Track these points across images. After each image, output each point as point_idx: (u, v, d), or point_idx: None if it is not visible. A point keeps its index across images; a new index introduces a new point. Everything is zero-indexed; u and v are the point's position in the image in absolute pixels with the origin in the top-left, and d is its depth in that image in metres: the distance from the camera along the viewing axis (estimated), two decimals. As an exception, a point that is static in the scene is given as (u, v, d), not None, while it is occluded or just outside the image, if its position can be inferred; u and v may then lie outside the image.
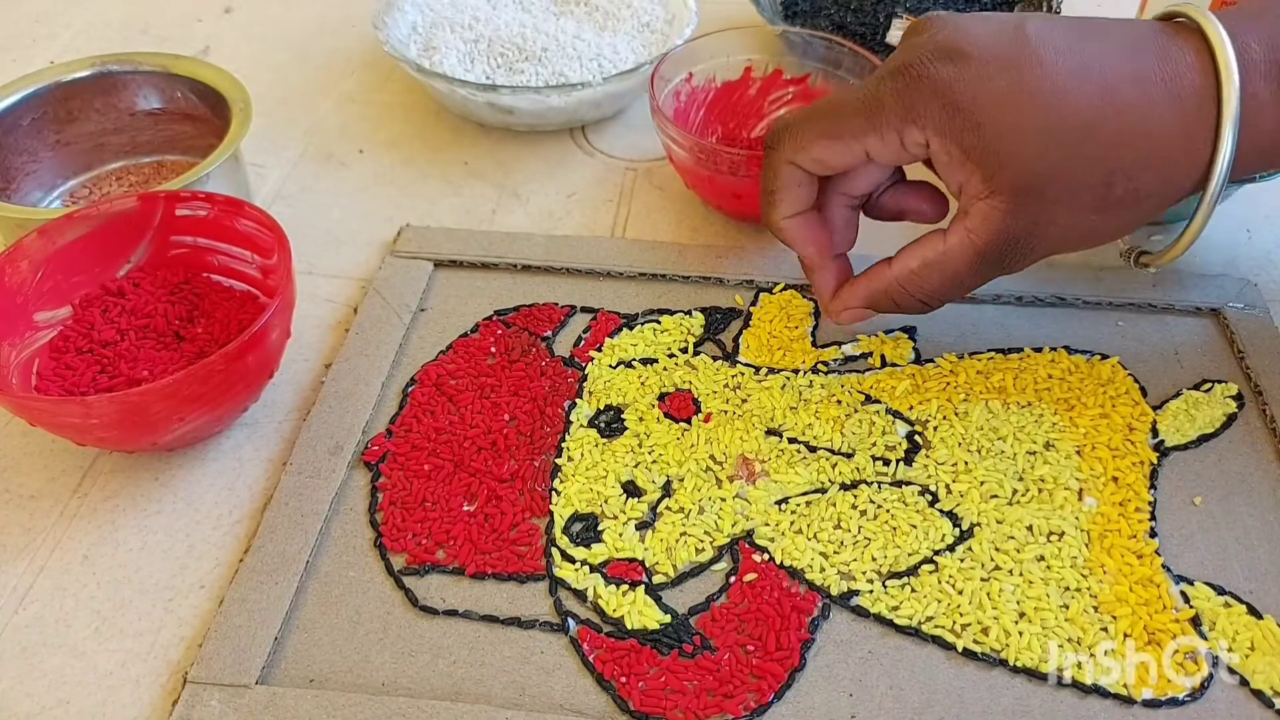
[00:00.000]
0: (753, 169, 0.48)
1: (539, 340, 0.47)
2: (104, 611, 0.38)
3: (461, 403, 0.44)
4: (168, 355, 0.43)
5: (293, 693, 0.34)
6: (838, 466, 0.41)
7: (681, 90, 0.55)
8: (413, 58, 0.59)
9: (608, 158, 0.59)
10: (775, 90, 0.57)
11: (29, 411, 0.39)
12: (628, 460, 0.42)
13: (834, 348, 0.46)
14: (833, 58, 0.55)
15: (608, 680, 0.35)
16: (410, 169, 0.58)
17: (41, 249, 0.43)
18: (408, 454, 0.42)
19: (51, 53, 0.69)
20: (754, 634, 0.36)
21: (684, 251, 0.51)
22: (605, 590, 0.37)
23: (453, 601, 0.37)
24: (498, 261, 0.51)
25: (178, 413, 0.39)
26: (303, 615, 0.37)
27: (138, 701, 0.35)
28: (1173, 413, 0.43)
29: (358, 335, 0.47)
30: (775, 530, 0.39)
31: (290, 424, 0.44)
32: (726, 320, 0.48)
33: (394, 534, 0.39)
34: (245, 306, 0.45)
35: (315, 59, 0.68)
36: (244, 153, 0.52)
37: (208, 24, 0.72)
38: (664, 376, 0.45)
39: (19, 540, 0.40)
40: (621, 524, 0.40)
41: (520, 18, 0.63)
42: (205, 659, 0.35)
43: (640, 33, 0.63)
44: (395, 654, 0.36)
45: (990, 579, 0.37)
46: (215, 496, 0.41)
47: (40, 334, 0.43)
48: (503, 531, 0.39)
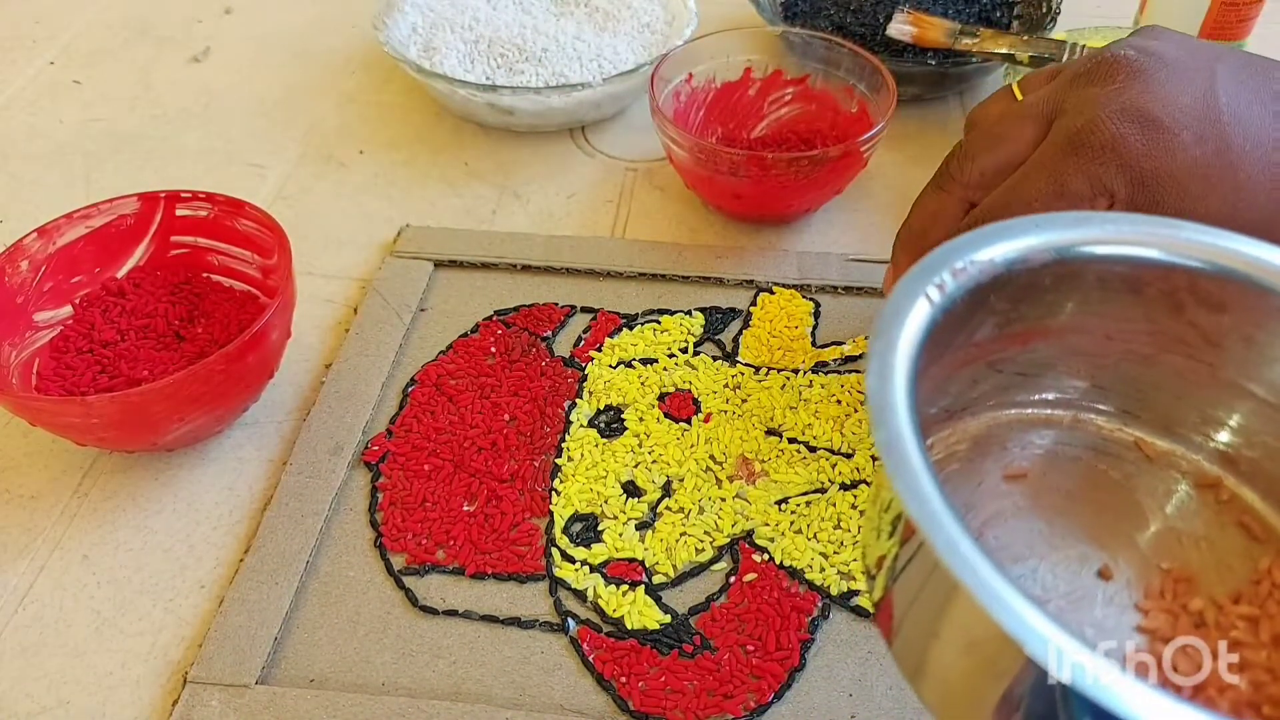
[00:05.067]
0: (752, 169, 0.48)
1: (539, 340, 0.47)
2: (104, 611, 0.38)
3: (461, 403, 0.44)
4: (168, 355, 0.43)
5: (293, 693, 0.34)
6: (838, 466, 0.41)
7: (681, 91, 0.55)
8: (413, 58, 0.59)
9: (608, 158, 0.59)
10: (775, 91, 0.57)
11: (29, 411, 0.39)
12: (628, 460, 0.42)
13: (834, 348, 0.46)
14: (832, 58, 0.55)
15: (608, 680, 0.35)
16: (410, 169, 0.58)
17: (41, 249, 0.43)
18: (408, 454, 0.42)
19: (51, 53, 0.69)
20: (754, 634, 0.36)
21: (684, 251, 0.51)
22: (605, 590, 0.37)
23: (453, 601, 0.37)
24: (498, 262, 0.51)
25: (178, 413, 0.39)
26: (303, 615, 0.37)
27: (138, 701, 0.35)
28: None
29: (358, 335, 0.47)
30: (775, 530, 0.39)
31: (290, 424, 0.44)
32: (726, 320, 0.48)
33: (394, 534, 0.39)
34: (245, 306, 0.45)
35: (315, 59, 0.68)
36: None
37: (208, 24, 0.72)
38: (664, 376, 0.45)
39: (19, 540, 0.40)
40: (621, 524, 0.40)
41: (520, 18, 0.63)
42: (205, 659, 0.35)
43: (640, 33, 0.63)
44: (395, 654, 0.36)
45: (990, 579, 0.37)
46: (215, 496, 0.41)
47: (40, 334, 0.43)
48: (503, 531, 0.39)
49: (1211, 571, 0.28)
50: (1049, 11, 0.62)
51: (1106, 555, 0.29)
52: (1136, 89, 0.35)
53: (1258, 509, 0.30)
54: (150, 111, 0.63)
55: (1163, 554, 0.29)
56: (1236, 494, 0.30)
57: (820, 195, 0.52)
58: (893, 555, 0.24)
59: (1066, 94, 0.37)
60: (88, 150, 0.60)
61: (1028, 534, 0.29)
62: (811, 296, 0.49)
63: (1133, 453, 0.32)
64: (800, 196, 0.51)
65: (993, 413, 0.32)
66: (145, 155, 0.60)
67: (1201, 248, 0.28)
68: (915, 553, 0.23)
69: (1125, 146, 0.34)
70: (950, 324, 0.26)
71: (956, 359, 0.29)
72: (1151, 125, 0.34)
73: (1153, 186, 0.34)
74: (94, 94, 0.65)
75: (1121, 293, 0.29)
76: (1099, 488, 0.31)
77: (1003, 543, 0.29)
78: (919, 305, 0.25)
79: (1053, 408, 0.32)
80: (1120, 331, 0.30)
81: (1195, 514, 0.30)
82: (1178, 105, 0.34)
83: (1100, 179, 0.35)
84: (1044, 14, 0.62)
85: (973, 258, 0.26)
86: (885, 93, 0.51)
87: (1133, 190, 0.35)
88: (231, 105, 0.64)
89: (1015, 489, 0.30)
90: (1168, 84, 0.35)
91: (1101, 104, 0.35)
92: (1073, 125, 0.35)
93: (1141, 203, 0.35)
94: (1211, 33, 0.60)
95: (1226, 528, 0.30)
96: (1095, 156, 0.34)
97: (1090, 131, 0.35)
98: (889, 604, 0.25)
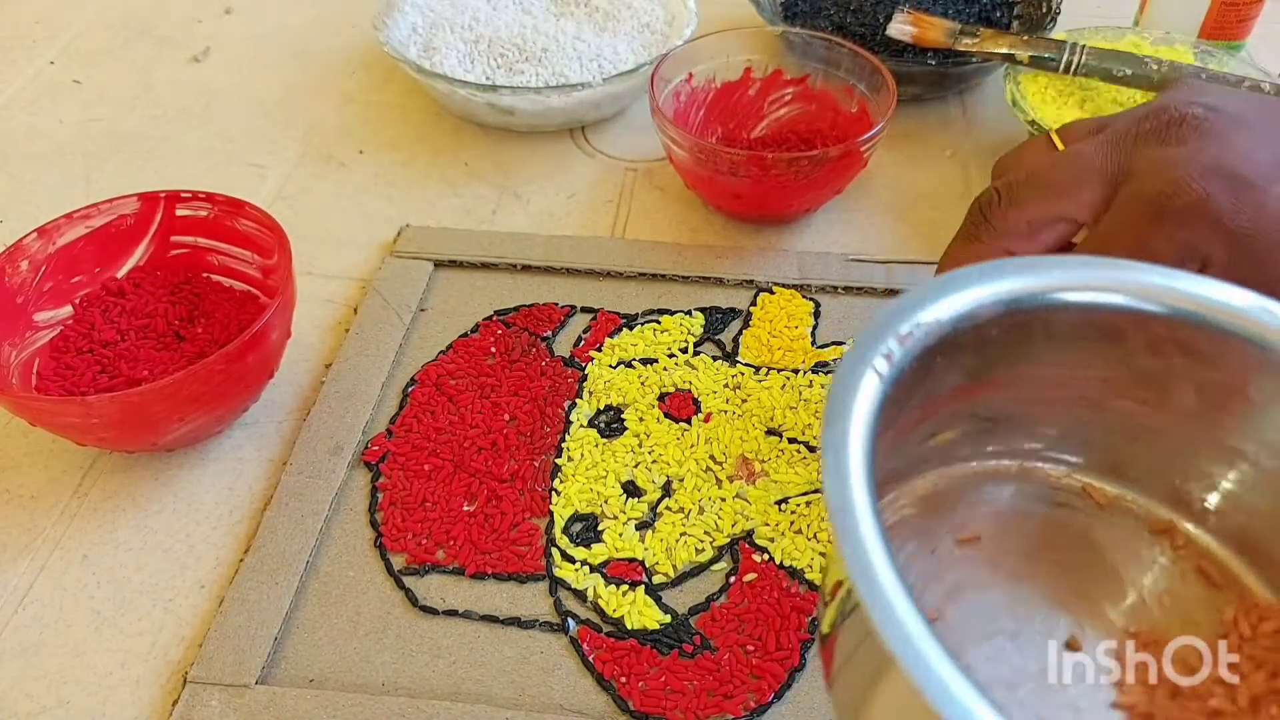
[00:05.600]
0: (752, 169, 0.48)
1: (539, 340, 0.47)
2: (104, 611, 0.38)
3: (461, 403, 0.44)
4: (168, 355, 0.43)
5: (293, 693, 0.34)
6: (838, 466, 0.41)
7: (681, 91, 0.55)
8: (413, 58, 0.59)
9: (608, 158, 0.59)
10: (775, 91, 0.57)
11: (29, 411, 0.39)
12: (628, 460, 0.42)
13: (834, 347, 0.46)
14: (832, 58, 0.55)
15: (608, 680, 0.35)
16: (410, 169, 0.58)
17: (41, 249, 0.43)
18: (408, 454, 0.42)
19: (51, 53, 0.69)
20: (754, 634, 0.36)
21: (684, 251, 0.51)
22: (605, 590, 0.37)
23: (453, 601, 0.37)
24: (498, 262, 0.51)
25: (178, 413, 0.39)
26: (303, 615, 0.37)
27: (138, 701, 0.35)
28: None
29: (358, 335, 0.47)
30: (775, 530, 0.39)
31: (290, 424, 0.44)
32: (726, 320, 0.48)
33: (394, 534, 0.39)
34: (245, 306, 0.45)
35: (315, 59, 0.68)
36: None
37: (208, 24, 0.72)
38: (664, 376, 0.45)
39: (19, 540, 0.40)
40: (621, 524, 0.40)
41: (520, 18, 0.63)
42: (205, 659, 0.35)
43: (640, 33, 0.63)
44: (395, 654, 0.36)
45: (990, 579, 0.37)
46: (215, 496, 0.41)
47: (40, 334, 0.43)
48: (503, 531, 0.39)
49: (1178, 628, 0.28)
50: (1049, 11, 0.62)
51: (1072, 622, 0.28)
52: (1215, 148, 0.34)
53: (1215, 553, 0.29)
54: (150, 111, 0.63)
55: (1128, 616, 0.28)
56: (1192, 539, 0.30)
57: (820, 195, 0.52)
58: (838, 604, 0.23)
59: (1134, 154, 0.35)
60: (88, 150, 0.60)
61: (991, 607, 0.28)
62: (811, 296, 0.49)
63: (1083, 500, 0.31)
64: (800, 196, 0.51)
65: (938, 470, 0.31)
66: (145, 155, 0.60)
67: (1158, 291, 0.27)
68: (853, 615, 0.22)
69: (1215, 207, 0.33)
70: (899, 393, 0.25)
71: (907, 422, 0.27)
72: (1239, 183, 0.33)
73: (1249, 244, 0.33)
74: (94, 94, 0.65)
75: (1071, 340, 0.28)
76: (1055, 545, 0.30)
77: (965, 618, 0.28)
78: (868, 382, 0.24)
79: (999, 458, 0.31)
80: (1071, 379, 0.29)
81: (1153, 563, 0.29)
82: (1260, 161, 0.33)
83: (1191, 244, 0.33)
84: (1044, 14, 0.62)
85: (919, 319, 0.25)
86: (885, 93, 0.51)
87: (1230, 251, 0.33)
88: (231, 105, 0.64)
89: (971, 554, 0.29)
90: (1246, 142, 0.34)
91: (1181, 165, 0.33)
92: (1152, 188, 0.34)
93: (1239, 261, 0.33)
94: (1212, 33, 0.60)
95: (1186, 576, 0.29)
96: (1183, 221, 0.33)
97: (1174, 195, 0.33)
98: (833, 643, 0.24)
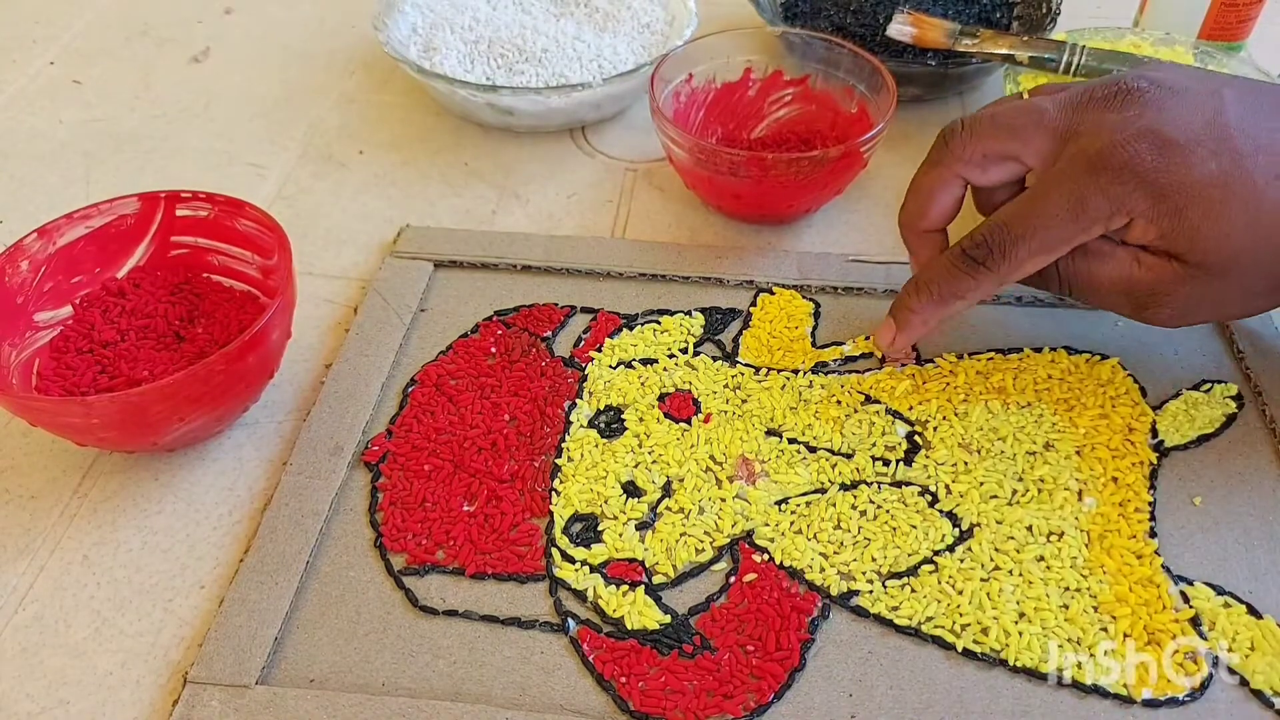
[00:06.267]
0: (752, 169, 0.48)
1: (539, 340, 0.47)
2: (104, 611, 0.38)
3: (461, 403, 0.44)
4: (168, 355, 0.43)
5: (293, 693, 0.34)
6: (838, 467, 0.41)
7: (681, 91, 0.55)
8: (413, 59, 0.59)
9: (608, 158, 0.59)
10: (775, 91, 0.57)
11: (29, 412, 0.39)
12: (628, 460, 0.42)
13: (834, 348, 0.46)
14: (832, 59, 0.55)
15: (608, 680, 0.35)
16: (410, 170, 0.58)
17: (42, 249, 0.43)
18: (408, 454, 0.42)
19: (51, 53, 0.69)
20: (754, 634, 0.36)
21: (684, 252, 0.51)
22: (605, 590, 0.37)
23: (453, 602, 0.37)
24: (498, 262, 0.51)
25: (178, 413, 0.39)
26: (303, 615, 0.37)
27: (138, 701, 0.35)
28: (1172, 413, 0.43)
29: (358, 335, 0.47)
30: (775, 530, 0.39)
31: (290, 424, 0.44)
32: (726, 320, 0.48)
33: (394, 534, 0.39)
34: (245, 307, 0.45)
35: (315, 59, 0.68)
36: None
37: (208, 24, 0.72)
38: (664, 377, 0.45)
39: (19, 540, 0.40)
40: (621, 524, 0.40)
41: (520, 19, 0.63)
42: (205, 659, 0.35)
43: (640, 34, 0.63)
44: (395, 654, 0.36)
45: (990, 579, 0.37)
46: (215, 496, 0.41)
47: (40, 334, 0.43)
48: (503, 532, 0.39)
49: None
50: (1049, 12, 0.62)
51: None
52: (1150, 115, 0.37)
53: None
54: (150, 111, 0.63)
55: None
56: None
57: (820, 196, 0.52)
58: None
59: (1082, 117, 0.39)
60: (88, 150, 0.60)
61: None
62: (811, 297, 0.49)
63: None
64: (800, 197, 0.51)
65: None
66: (145, 155, 0.60)
67: None
68: None
69: (1143, 165, 0.36)
70: None
71: None
72: (1166, 145, 0.36)
73: (1173, 197, 0.36)
74: (94, 94, 0.65)
75: None
76: None
77: None
78: None
79: None
80: None
81: None
82: (1190, 127, 0.37)
83: (1120, 197, 0.37)
84: (1044, 14, 0.62)
85: None
86: (885, 93, 0.51)
87: (1154, 204, 0.37)
88: (231, 105, 0.64)
89: None
90: (1179, 109, 0.37)
91: (1118, 128, 0.37)
92: (1090, 147, 0.38)
93: (1164, 214, 0.37)
94: (1212, 33, 0.60)
95: None
96: (1115, 176, 0.37)
97: (1108, 153, 0.37)
98: None
